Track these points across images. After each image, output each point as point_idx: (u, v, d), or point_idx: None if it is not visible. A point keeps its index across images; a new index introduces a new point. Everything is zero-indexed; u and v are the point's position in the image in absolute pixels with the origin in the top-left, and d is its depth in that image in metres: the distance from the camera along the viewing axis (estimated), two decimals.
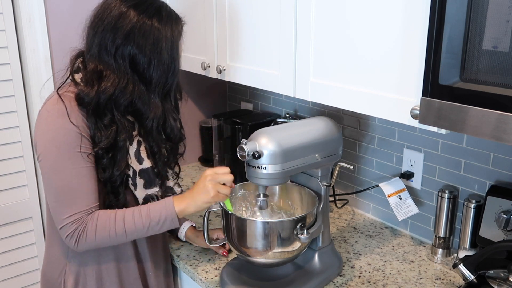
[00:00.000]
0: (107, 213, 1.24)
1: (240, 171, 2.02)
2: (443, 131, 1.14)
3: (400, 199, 1.62)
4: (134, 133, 1.30)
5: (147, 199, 1.33)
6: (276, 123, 1.93)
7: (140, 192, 1.33)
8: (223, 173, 1.26)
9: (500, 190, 1.38)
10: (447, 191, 1.50)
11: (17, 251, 1.95)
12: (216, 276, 1.46)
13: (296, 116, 2.06)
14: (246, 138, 1.28)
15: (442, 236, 1.52)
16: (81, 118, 1.21)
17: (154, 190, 1.35)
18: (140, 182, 1.31)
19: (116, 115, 1.24)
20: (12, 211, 1.89)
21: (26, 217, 1.96)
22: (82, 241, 1.22)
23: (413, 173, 1.65)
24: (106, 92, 1.20)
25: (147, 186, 1.33)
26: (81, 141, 1.20)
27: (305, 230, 1.27)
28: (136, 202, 1.34)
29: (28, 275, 2.00)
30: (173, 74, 1.28)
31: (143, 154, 1.32)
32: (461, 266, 1.23)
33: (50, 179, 1.21)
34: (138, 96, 1.23)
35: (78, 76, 1.25)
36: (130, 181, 1.31)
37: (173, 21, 1.26)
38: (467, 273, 1.22)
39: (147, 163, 1.32)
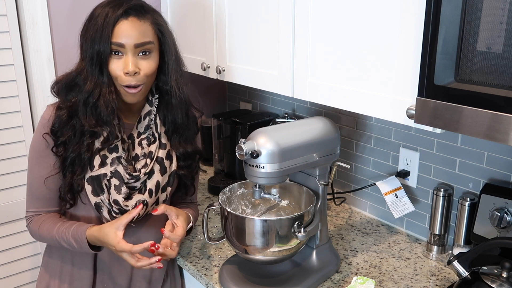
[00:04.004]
0: (50, 220, 1.36)
1: (240, 170, 2.05)
2: (438, 130, 1.15)
3: (396, 197, 1.64)
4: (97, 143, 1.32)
5: (98, 206, 1.34)
6: (275, 122, 1.93)
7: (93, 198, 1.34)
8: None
9: (493, 188, 1.40)
10: (442, 189, 1.51)
11: (17, 249, 1.96)
12: (215, 272, 1.47)
13: (295, 116, 2.07)
14: (245, 138, 1.29)
15: (437, 233, 1.54)
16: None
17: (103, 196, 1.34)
18: (88, 188, 1.33)
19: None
20: (18, 209, 1.91)
21: None
22: (32, 234, 1.40)
23: (409, 172, 1.67)
24: (70, 74, 1.31)
25: (94, 193, 1.33)
26: (49, 150, 1.31)
27: (303, 228, 1.28)
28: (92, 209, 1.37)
29: (27, 273, 2.01)
30: (101, 49, 1.25)
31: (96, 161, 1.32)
32: (456, 263, 1.24)
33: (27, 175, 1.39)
34: (80, 73, 1.29)
35: None
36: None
37: (116, 5, 1.26)
38: (461, 269, 1.23)
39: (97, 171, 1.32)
